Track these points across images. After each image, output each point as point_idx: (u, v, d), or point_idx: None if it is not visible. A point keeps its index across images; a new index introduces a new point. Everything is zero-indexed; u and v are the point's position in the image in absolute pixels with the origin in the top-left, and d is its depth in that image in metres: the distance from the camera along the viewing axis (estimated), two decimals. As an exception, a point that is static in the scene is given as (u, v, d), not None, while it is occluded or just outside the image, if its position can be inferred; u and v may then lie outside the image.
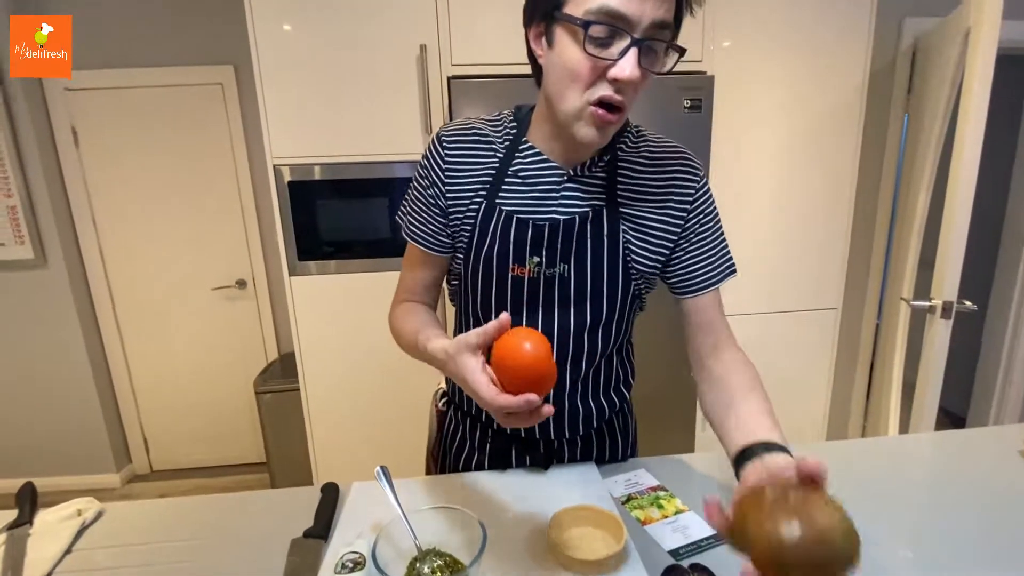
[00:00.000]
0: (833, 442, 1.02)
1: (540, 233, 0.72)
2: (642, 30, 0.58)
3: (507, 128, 0.76)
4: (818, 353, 2.00)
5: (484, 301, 0.78)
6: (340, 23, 1.62)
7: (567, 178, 0.73)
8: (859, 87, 1.78)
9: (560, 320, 0.76)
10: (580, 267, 0.74)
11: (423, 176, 0.77)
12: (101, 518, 0.80)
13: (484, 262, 0.75)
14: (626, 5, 0.56)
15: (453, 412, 0.92)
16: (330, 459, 1.92)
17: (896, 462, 0.90)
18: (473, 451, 0.89)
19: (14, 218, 2.18)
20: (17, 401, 2.41)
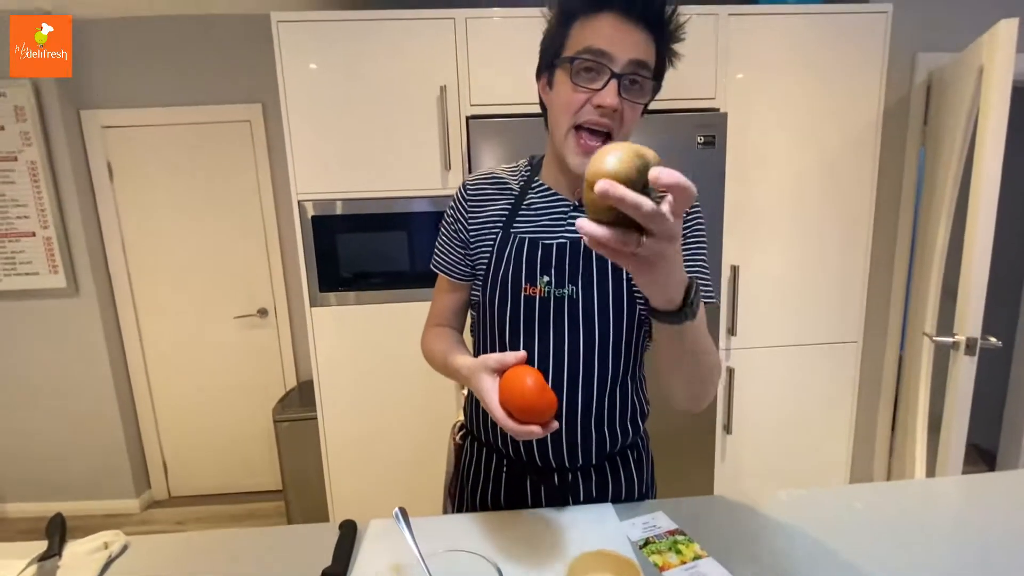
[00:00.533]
0: (857, 485, 1.00)
1: (548, 254, 0.80)
2: (622, 66, 0.69)
3: (522, 172, 0.88)
4: (840, 388, 1.96)
5: (500, 323, 0.83)
6: (364, 64, 1.69)
7: (573, 208, 0.82)
8: (874, 121, 1.79)
9: (570, 340, 0.81)
10: (587, 289, 0.79)
11: (450, 215, 0.89)
12: (127, 551, 0.82)
13: (500, 283, 0.82)
14: (607, 44, 0.69)
15: (470, 444, 0.94)
16: (346, 489, 1.93)
17: (923, 507, 0.87)
18: (488, 482, 0.90)
19: (49, 248, 2.28)
20: (44, 425, 2.47)
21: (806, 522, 0.82)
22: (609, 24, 0.69)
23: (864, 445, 2.23)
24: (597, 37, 0.69)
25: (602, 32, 0.69)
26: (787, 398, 1.96)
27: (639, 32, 0.69)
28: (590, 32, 0.70)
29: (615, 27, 0.69)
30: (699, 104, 1.73)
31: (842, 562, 0.73)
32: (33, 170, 2.20)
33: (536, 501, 0.88)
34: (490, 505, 0.91)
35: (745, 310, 1.87)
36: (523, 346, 0.82)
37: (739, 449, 1.98)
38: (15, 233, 2.26)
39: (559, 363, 0.82)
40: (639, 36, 0.69)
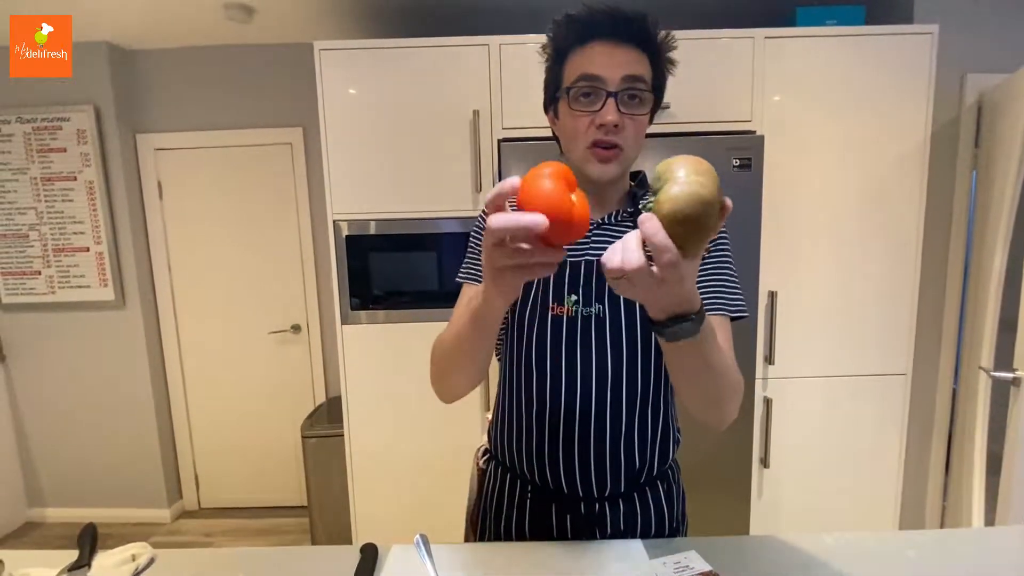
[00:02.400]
0: (910, 532, 0.93)
1: (576, 272, 0.80)
2: (616, 84, 0.73)
3: None
4: (888, 423, 1.85)
5: (528, 342, 0.83)
6: (400, 89, 1.74)
7: (596, 226, 0.82)
8: (921, 144, 1.72)
9: (598, 359, 0.80)
10: (614, 308, 0.79)
11: (479, 232, 0.88)
12: (153, 564, 0.82)
13: (530, 303, 0.82)
14: (599, 69, 0.73)
15: (494, 469, 0.92)
16: (370, 507, 1.92)
17: (984, 557, 0.80)
18: (512, 509, 0.87)
19: (100, 263, 2.40)
20: (84, 434, 2.57)
21: (853, 570, 0.76)
22: (599, 51, 0.74)
23: (915, 486, 2.08)
24: (589, 64, 0.74)
25: (593, 59, 0.74)
26: (830, 432, 1.86)
27: (629, 51, 0.74)
28: (582, 61, 0.74)
29: (605, 52, 0.73)
30: (735, 127, 1.70)
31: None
32: (90, 189, 2.34)
33: (562, 531, 0.84)
34: (514, 534, 0.87)
35: (784, 338, 1.79)
36: (551, 366, 0.81)
37: (777, 485, 1.88)
38: (71, 248, 2.39)
39: (587, 383, 0.80)
40: (630, 55, 0.74)
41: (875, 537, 0.87)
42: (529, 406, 0.84)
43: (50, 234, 2.38)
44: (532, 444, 0.84)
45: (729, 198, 0.51)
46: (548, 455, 0.82)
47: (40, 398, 2.54)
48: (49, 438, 2.58)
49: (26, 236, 2.39)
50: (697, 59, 1.67)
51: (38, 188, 2.35)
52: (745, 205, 1.64)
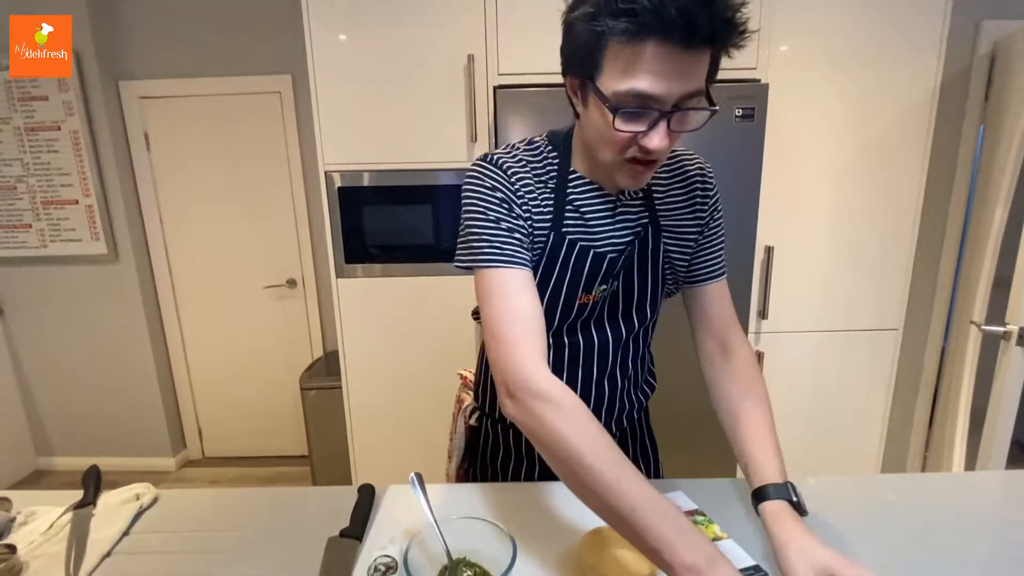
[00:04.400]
0: (891, 475, 0.96)
1: (601, 261, 0.75)
2: (672, 103, 0.58)
3: (547, 157, 0.75)
4: (876, 376, 1.88)
5: (547, 323, 0.74)
6: (392, 34, 1.67)
7: (615, 200, 0.76)
8: (929, 94, 1.67)
9: (612, 331, 0.81)
10: (627, 284, 0.79)
11: (500, 205, 0.70)
12: (157, 503, 0.85)
13: (554, 289, 0.76)
14: (654, 87, 0.56)
15: (491, 425, 0.92)
16: (368, 456, 1.97)
17: (961, 500, 0.83)
18: (521, 459, 0.90)
19: (91, 216, 2.36)
20: (86, 386, 2.60)
21: (834, 510, 0.79)
22: (654, 56, 0.55)
23: (898, 438, 2.14)
24: (640, 75, 0.56)
25: (645, 67, 0.55)
26: (818, 385, 1.89)
27: (688, 57, 0.55)
28: (631, 66, 0.56)
29: (661, 59, 0.55)
30: (738, 75, 1.65)
31: (870, 553, 0.70)
32: (75, 139, 2.27)
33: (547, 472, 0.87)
34: (499, 474, 0.92)
35: (778, 293, 1.80)
36: (567, 341, 0.81)
37: (765, 435, 1.93)
38: (60, 201, 2.34)
39: (589, 352, 0.82)
40: (689, 63, 0.56)
41: (857, 480, 0.90)
42: None
43: (38, 186, 2.33)
44: None
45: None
46: None
47: (41, 351, 2.56)
48: (53, 389, 2.62)
49: (14, 188, 2.34)
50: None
51: (22, 138, 2.29)
52: (746, 158, 1.61)
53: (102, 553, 0.73)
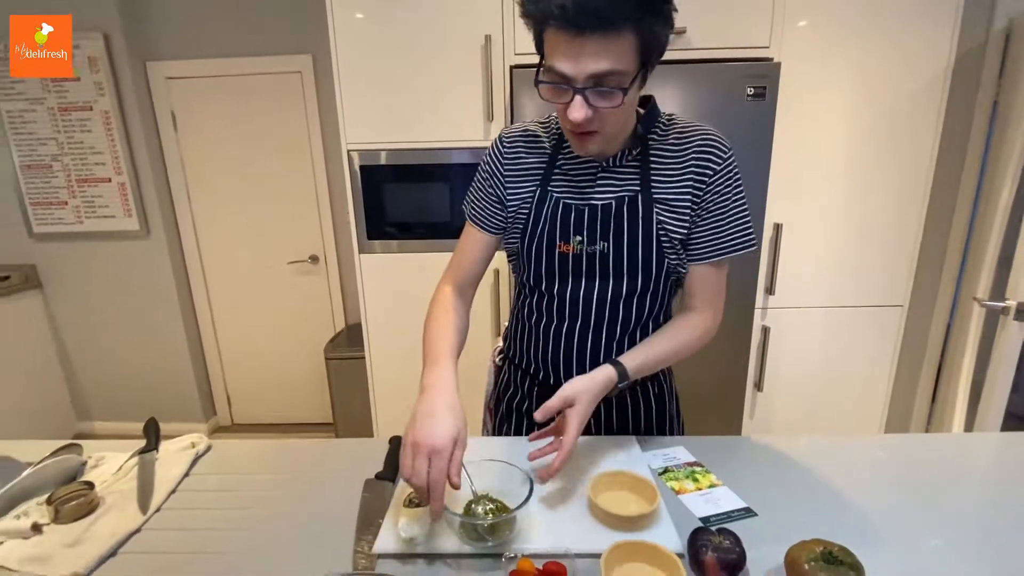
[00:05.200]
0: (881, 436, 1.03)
1: (580, 216, 0.85)
2: (582, 82, 0.67)
3: (554, 128, 0.90)
4: (880, 352, 1.93)
5: (536, 272, 0.90)
6: (411, 14, 1.71)
7: (600, 168, 0.85)
8: (942, 72, 1.68)
9: (599, 289, 0.88)
10: (618, 245, 0.85)
11: (485, 170, 0.93)
12: (210, 451, 0.96)
13: (537, 240, 0.88)
14: (563, 66, 0.67)
15: (507, 366, 1.05)
16: (390, 422, 2.09)
17: (944, 459, 0.89)
18: (524, 397, 1.01)
19: (123, 194, 2.47)
20: (122, 355, 2.75)
21: (824, 464, 0.86)
22: (562, 40, 0.65)
23: (901, 413, 2.20)
24: (554, 55, 0.67)
25: (557, 48, 0.66)
26: (823, 359, 1.95)
27: (594, 41, 0.63)
28: (550, 47, 0.68)
29: (567, 42, 0.65)
30: (751, 53, 1.67)
31: (851, 498, 0.78)
32: (107, 119, 2.36)
33: None
34: (524, 417, 1.01)
35: (786, 269, 1.85)
36: (558, 292, 0.89)
37: (769, 407, 2.00)
38: (94, 179, 2.45)
39: (587, 307, 0.89)
40: (596, 45, 0.64)
41: (849, 440, 0.97)
42: (538, 319, 0.94)
43: (72, 165, 2.44)
44: (539, 349, 0.95)
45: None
46: (551, 358, 0.94)
47: (78, 322, 2.71)
48: (91, 358, 2.77)
49: (50, 167, 2.45)
50: (717, -20, 1.61)
51: (56, 118, 2.38)
52: (756, 136, 1.64)
53: (169, 490, 0.84)
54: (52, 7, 2.23)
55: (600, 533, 0.69)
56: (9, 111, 2.39)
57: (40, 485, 0.82)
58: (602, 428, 0.97)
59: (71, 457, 0.89)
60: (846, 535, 0.63)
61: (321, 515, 0.76)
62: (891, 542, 0.68)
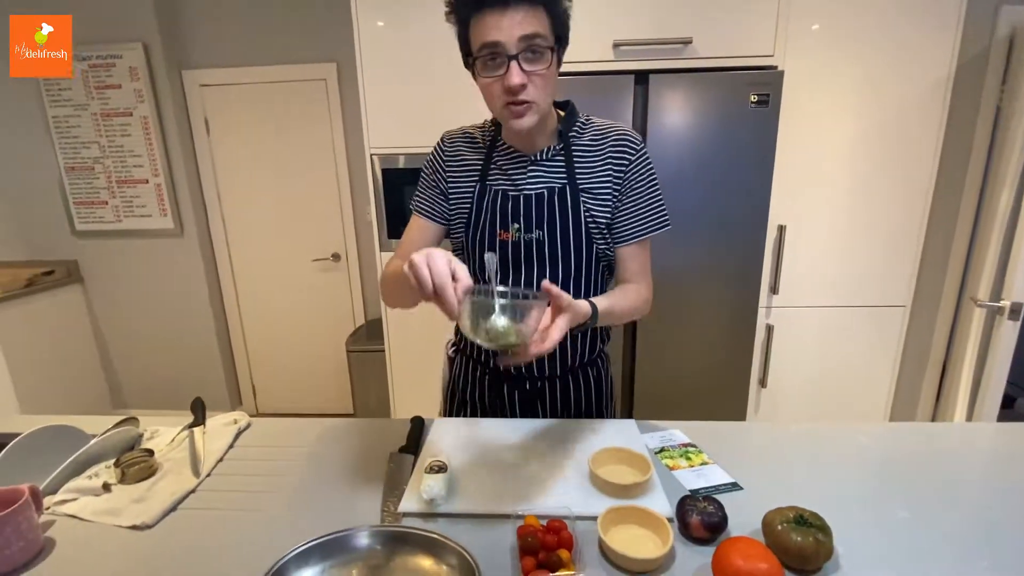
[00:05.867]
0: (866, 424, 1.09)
1: (517, 205, 0.94)
2: (514, 46, 0.77)
3: (487, 130, 1.00)
4: (882, 352, 1.98)
5: (480, 262, 0.98)
6: (431, 23, 1.81)
7: (530, 162, 0.94)
8: (944, 79, 1.73)
9: (538, 275, 0.96)
10: (551, 232, 0.94)
11: (429, 167, 1.02)
12: (251, 427, 1.06)
13: (480, 230, 0.97)
14: (493, 34, 0.77)
15: (459, 358, 1.14)
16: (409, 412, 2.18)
17: (928, 447, 0.95)
18: (474, 386, 1.11)
19: (160, 194, 2.62)
20: (156, 347, 2.90)
21: (810, 448, 0.94)
22: (491, 17, 0.77)
23: (904, 414, 2.24)
24: (485, 31, 0.78)
25: (488, 25, 0.77)
26: (826, 358, 2.00)
27: (518, 12, 0.77)
28: (480, 29, 0.79)
29: (496, 18, 0.77)
30: (755, 62, 1.74)
31: (830, 477, 0.85)
32: (145, 124, 2.52)
33: (512, 404, 1.07)
34: (477, 405, 1.11)
35: (789, 270, 1.91)
36: (500, 281, 0.97)
37: (773, 404, 2.06)
38: (132, 180, 2.60)
39: (518, 283, 0.97)
40: (520, 14, 0.77)
41: (835, 427, 1.04)
42: None
43: (113, 167, 2.59)
44: None
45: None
46: None
47: (116, 316, 2.87)
48: (127, 350, 2.93)
49: (92, 168, 2.61)
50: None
51: (98, 123, 2.54)
52: (760, 141, 1.70)
53: (216, 458, 0.94)
54: (97, 15, 2.40)
55: (599, 499, 0.77)
56: (55, 116, 2.55)
57: (106, 451, 0.93)
58: (547, 405, 1.06)
59: (131, 428, 1.00)
60: (820, 505, 0.70)
61: (350, 481, 0.86)
62: (862, 513, 0.75)
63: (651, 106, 1.67)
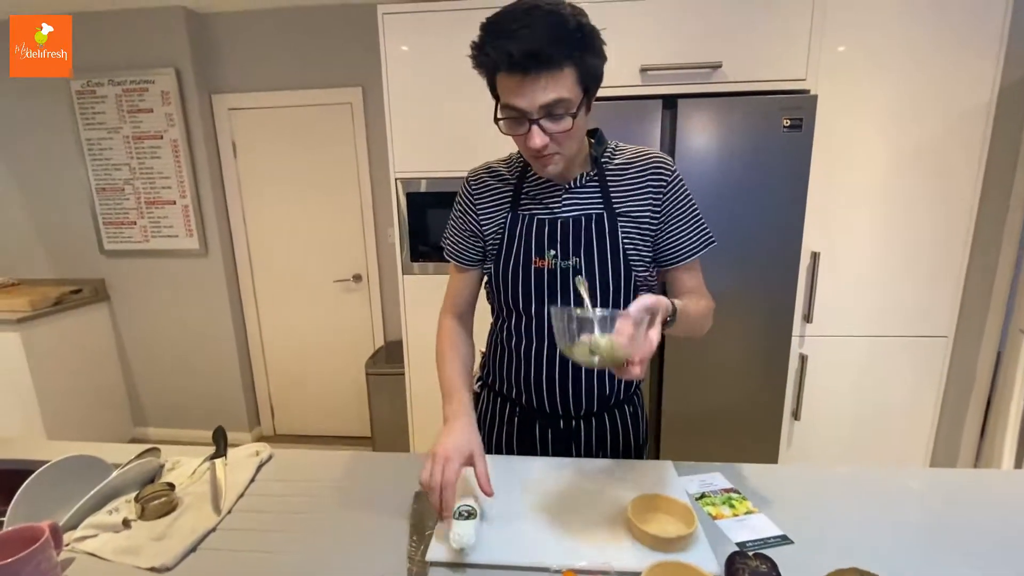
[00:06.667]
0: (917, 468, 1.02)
1: (553, 229, 0.91)
2: (536, 112, 0.76)
3: (515, 162, 0.98)
4: (924, 385, 1.89)
5: (513, 293, 0.95)
6: (455, 50, 1.80)
7: (564, 190, 0.92)
8: (986, 102, 1.67)
9: (576, 303, 0.90)
10: (588, 260, 0.91)
11: (458, 209, 1.01)
12: (272, 459, 1.03)
13: (514, 259, 0.94)
14: (517, 101, 0.76)
15: (486, 393, 1.09)
16: (427, 437, 2.15)
17: (976, 495, 0.88)
18: (502, 424, 1.05)
19: (186, 215, 2.65)
20: (178, 365, 2.92)
21: (861, 494, 0.87)
22: (513, 84, 0.75)
23: (948, 449, 2.13)
24: (507, 94, 0.77)
25: (510, 88, 0.76)
26: (863, 390, 1.92)
27: (539, 78, 0.73)
28: (503, 88, 0.77)
29: (517, 83, 0.74)
30: (787, 86, 1.70)
31: (887, 529, 0.79)
32: (175, 147, 2.57)
33: (543, 443, 1.02)
34: (503, 447, 1.05)
35: (824, 297, 1.84)
36: (535, 310, 0.94)
37: (807, 437, 1.98)
38: (160, 201, 2.65)
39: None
40: (542, 80, 0.73)
41: (884, 470, 0.97)
42: (518, 342, 0.98)
43: (142, 188, 2.65)
44: (520, 372, 0.99)
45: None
46: (534, 381, 0.98)
47: (140, 334, 2.90)
48: (150, 367, 2.95)
49: (122, 190, 2.67)
50: (752, 16, 1.66)
51: (130, 146, 2.60)
52: (793, 166, 1.66)
53: (238, 494, 0.91)
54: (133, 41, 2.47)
55: (640, 552, 0.72)
56: (89, 139, 2.62)
57: (127, 484, 0.91)
58: (581, 445, 1.01)
59: (152, 460, 0.98)
60: (876, 562, 0.65)
61: (374, 522, 0.82)
62: (922, 571, 0.69)
63: (680, 131, 1.64)
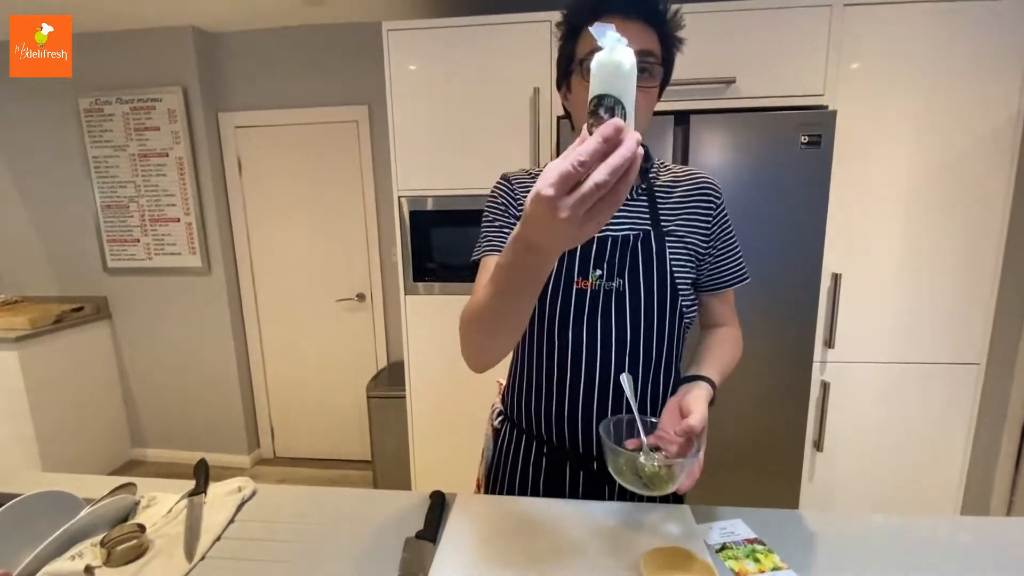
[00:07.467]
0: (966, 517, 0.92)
1: (602, 247, 0.84)
2: None
3: None
4: (955, 414, 1.78)
5: (551, 315, 0.87)
6: (462, 68, 1.79)
7: None
8: (1012, 119, 1.60)
9: (617, 330, 0.85)
10: (634, 282, 0.84)
11: (498, 206, 0.91)
12: (255, 496, 0.96)
13: (555, 276, 0.85)
14: None
15: (509, 430, 0.98)
16: (428, 463, 2.06)
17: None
18: (528, 468, 0.94)
19: (189, 233, 2.63)
20: (177, 385, 2.87)
21: (901, 549, 0.78)
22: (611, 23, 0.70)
23: (981, 480, 2.00)
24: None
25: None
26: (890, 420, 1.81)
27: (639, 27, 0.75)
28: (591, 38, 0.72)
29: (617, 24, 0.69)
30: (804, 101, 1.64)
31: (938, 593, 0.69)
32: (180, 165, 2.55)
33: (574, 487, 0.91)
34: (529, 490, 0.94)
35: (846, 322, 1.75)
36: (573, 336, 0.86)
37: (830, 469, 1.86)
38: (165, 219, 2.63)
39: (607, 351, 0.85)
40: (640, 30, 0.75)
41: (929, 521, 0.88)
42: (550, 373, 0.89)
43: (147, 206, 2.63)
44: (552, 407, 0.89)
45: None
46: (568, 417, 0.88)
47: (140, 352, 2.86)
48: (148, 387, 2.90)
49: (126, 207, 2.65)
50: (767, 30, 1.61)
51: (136, 164, 2.59)
52: (811, 185, 1.59)
53: (214, 537, 0.84)
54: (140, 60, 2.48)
55: (654, 618, 0.64)
56: (95, 156, 2.62)
57: (96, 524, 0.84)
58: (616, 488, 0.91)
59: (126, 497, 0.91)
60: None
61: (362, 572, 0.74)
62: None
63: (692, 147, 1.58)
